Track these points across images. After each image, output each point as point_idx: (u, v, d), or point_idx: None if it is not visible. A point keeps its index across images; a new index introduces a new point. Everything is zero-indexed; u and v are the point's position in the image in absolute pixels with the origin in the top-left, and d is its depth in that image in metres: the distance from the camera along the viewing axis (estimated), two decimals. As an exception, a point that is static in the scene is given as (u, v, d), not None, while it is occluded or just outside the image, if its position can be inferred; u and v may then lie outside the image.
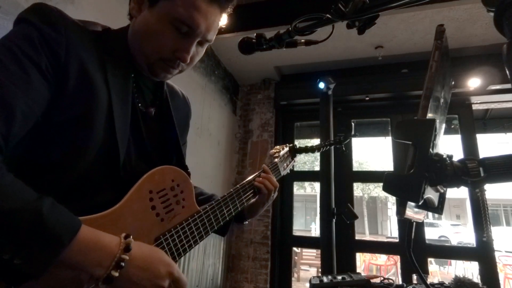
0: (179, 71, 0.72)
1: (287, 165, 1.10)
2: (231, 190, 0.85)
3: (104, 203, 0.58)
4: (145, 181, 0.64)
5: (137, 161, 0.67)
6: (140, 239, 0.60)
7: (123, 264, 0.50)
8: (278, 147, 1.11)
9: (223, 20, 2.89)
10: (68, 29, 0.57)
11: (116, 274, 0.49)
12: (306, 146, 1.15)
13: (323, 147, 1.17)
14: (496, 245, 2.92)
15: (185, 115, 0.87)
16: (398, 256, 3.88)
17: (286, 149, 1.11)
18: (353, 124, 1.30)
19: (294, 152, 1.13)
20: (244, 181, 0.91)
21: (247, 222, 0.98)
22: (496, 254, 2.98)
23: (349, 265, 3.16)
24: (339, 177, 3.06)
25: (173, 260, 0.66)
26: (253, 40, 0.86)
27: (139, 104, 0.70)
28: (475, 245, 2.95)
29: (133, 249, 0.52)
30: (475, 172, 0.47)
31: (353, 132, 1.25)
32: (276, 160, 1.05)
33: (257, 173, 0.97)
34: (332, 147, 1.20)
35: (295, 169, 3.83)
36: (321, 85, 2.53)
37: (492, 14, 0.50)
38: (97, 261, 0.48)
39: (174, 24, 0.63)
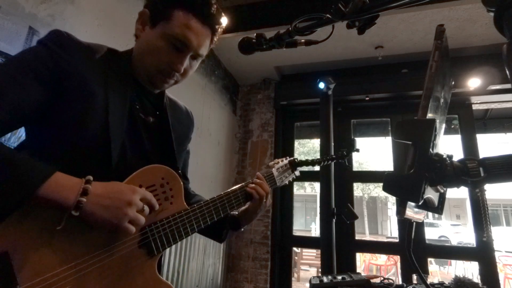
0: (175, 81, 0.82)
1: (286, 177, 1.11)
2: (222, 193, 0.88)
3: None
4: (136, 176, 0.71)
5: (135, 161, 0.75)
6: None
7: (87, 191, 0.59)
8: (277, 159, 1.13)
9: (224, 21, 2.88)
10: (74, 49, 0.70)
11: (84, 199, 0.58)
12: (307, 160, 1.15)
13: (324, 161, 1.18)
14: (496, 245, 2.92)
15: (186, 128, 0.96)
16: (398, 256, 3.88)
17: (286, 161, 1.13)
18: (355, 139, 1.30)
19: (295, 165, 1.14)
20: (235, 187, 0.93)
21: (242, 229, 1.01)
22: (496, 254, 2.98)
23: (349, 265, 3.16)
24: (339, 177, 3.06)
25: (156, 250, 0.72)
26: (253, 40, 0.86)
27: (140, 113, 0.80)
28: (475, 245, 2.95)
29: (93, 182, 0.62)
30: (475, 172, 0.47)
31: (355, 147, 1.27)
32: (272, 169, 1.07)
33: (250, 180, 0.99)
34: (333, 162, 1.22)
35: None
36: (321, 85, 2.54)
37: (492, 14, 0.50)
38: (65, 196, 0.57)
39: (170, 41, 0.75)
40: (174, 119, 0.89)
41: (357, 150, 1.31)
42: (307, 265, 7.34)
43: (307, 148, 17.24)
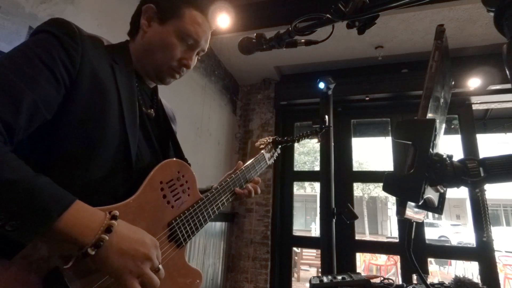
0: (180, 76, 0.85)
1: (271, 156, 1.24)
2: (227, 179, 0.96)
3: (117, 192, 0.66)
4: (156, 173, 0.73)
5: (148, 157, 0.76)
6: (155, 224, 0.71)
7: (112, 228, 0.54)
8: (263, 139, 1.25)
9: (224, 21, 2.86)
10: (83, 40, 0.65)
11: (106, 237, 0.53)
12: (287, 138, 1.27)
13: (301, 138, 1.29)
14: (496, 245, 2.92)
15: (174, 122, 0.99)
16: (398, 256, 3.88)
17: (270, 140, 1.25)
18: (326, 117, 1.47)
19: (277, 144, 1.26)
20: (238, 173, 1.00)
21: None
22: (496, 254, 2.98)
23: (349, 265, 3.16)
24: (339, 177, 3.06)
25: (184, 242, 0.77)
26: (253, 40, 0.87)
27: (143, 107, 0.80)
28: (475, 245, 2.95)
29: (118, 219, 0.57)
30: (475, 172, 0.47)
31: (327, 124, 1.41)
32: (262, 151, 1.18)
33: (252, 178, 1.06)
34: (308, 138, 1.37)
35: (295, 169, 3.84)
36: (321, 85, 2.53)
37: (492, 14, 0.50)
38: (84, 232, 0.52)
39: (183, 38, 0.78)
40: (166, 113, 0.93)
41: (329, 127, 1.49)
42: (307, 265, 7.34)
43: (307, 148, 17.23)
